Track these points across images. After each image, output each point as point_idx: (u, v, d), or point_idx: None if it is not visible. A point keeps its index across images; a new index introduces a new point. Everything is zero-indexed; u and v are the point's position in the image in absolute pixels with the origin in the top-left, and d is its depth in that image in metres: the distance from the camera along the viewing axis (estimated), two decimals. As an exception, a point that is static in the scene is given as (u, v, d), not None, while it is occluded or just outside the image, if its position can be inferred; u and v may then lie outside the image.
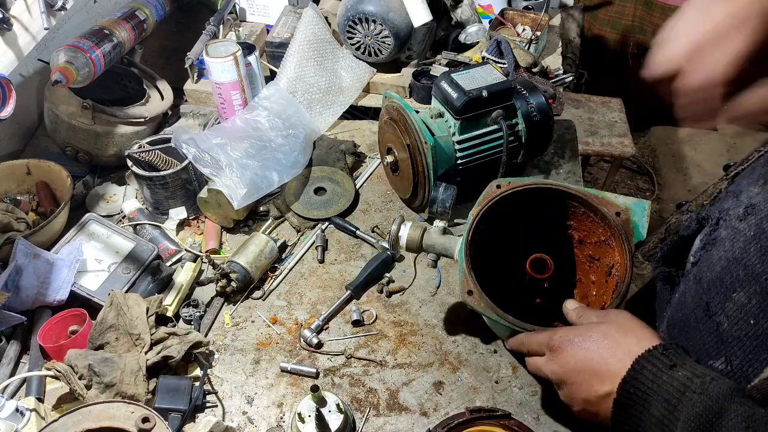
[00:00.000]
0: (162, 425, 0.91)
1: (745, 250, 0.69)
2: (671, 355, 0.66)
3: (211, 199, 1.30)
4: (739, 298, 0.68)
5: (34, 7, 1.36)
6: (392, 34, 1.56)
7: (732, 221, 0.74)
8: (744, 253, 0.69)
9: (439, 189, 1.01)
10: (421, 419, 1.04)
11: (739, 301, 0.68)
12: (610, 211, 0.94)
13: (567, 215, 1.04)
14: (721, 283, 0.71)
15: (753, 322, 0.66)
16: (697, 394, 0.61)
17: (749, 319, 0.66)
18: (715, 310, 0.71)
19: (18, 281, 1.11)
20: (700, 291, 0.75)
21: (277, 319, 1.19)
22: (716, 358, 0.70)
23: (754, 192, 0.73)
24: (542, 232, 1.07)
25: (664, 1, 2.27)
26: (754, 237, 0.69)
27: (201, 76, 1.67)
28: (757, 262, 0.67)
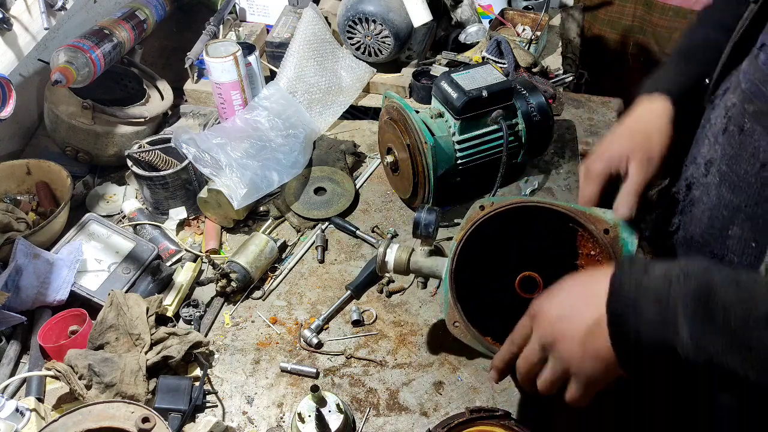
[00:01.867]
0: (162, 425, 0.91)
1: (719, 195, 0.79)
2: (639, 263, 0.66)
3: (211, 199, 1.30)
4: (735, 232, 0.76)
5: (34, 7, 1.36)
6: (392, 34, 1.55)
7: (699, 180, 0.85)
8: (719, 198, 0.79)
9: (421, 213, 0.96)
10: (421, 419, 1.04)
11: (736, 234, 0.76)
12: (598, 229, 0.89)
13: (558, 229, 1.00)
14: (713, 230, 0.80)
15: (754, 244, 0.74)
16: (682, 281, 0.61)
17: (750, 243, 0.74)
18: (721, 254, 0.79)
19: (18, 281, 1.11)
20: (698, 247, 0.83)
21: (277, 319, 1.19)
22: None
23: (705, 151, 0.85)
24: (535, 246, 1.01)
25: (664, 1, 2.27)
26: (720, 181, 0.79)
27: (201, 76, 1.67)
28: (733, 197, 0.77)
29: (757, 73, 0.75)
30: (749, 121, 0.75)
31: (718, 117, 0.83)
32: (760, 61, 0.75)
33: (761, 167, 0.73)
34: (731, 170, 0.78)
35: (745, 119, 0.76)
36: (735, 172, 0.77)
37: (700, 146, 0.88)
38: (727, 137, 0.79)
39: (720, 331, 0.58)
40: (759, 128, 0.74)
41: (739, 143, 0.77)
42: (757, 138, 0.74)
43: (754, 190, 0.74)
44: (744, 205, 0.76)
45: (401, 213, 1.40)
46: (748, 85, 0.77)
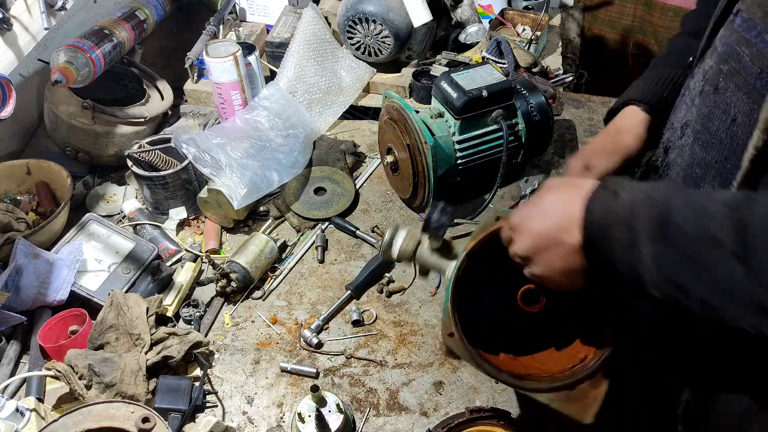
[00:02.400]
0: (162, 425, 0.91)
1: (692, 155, 0.81)
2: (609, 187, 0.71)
3: (211, 199, 1.30)
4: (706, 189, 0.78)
5: (34, 7, 1.36)
6: (392, 34, 1.55)
7: (675, 143, 0.87)
8: (692, 157, 0.81)
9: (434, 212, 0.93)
10: (421, 419, 1.04)
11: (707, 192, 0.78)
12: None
13: None
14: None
15: None
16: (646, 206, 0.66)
17: None
18: None
19: (18, 281, 1.11)
20: None
21: (277, 319, 1.19)
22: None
23: (681, 115, 0.87)
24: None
25: (664, 1, 2.27)
26: (693, 141, 0.81)
27: (201, 76, 1.67)
28: (705, 155, 0.79)
29: (733, 35, 0.77)
30: (723, 80, 0.77)
31: (696, 82, 0.85)
32: (735, 25, 0.78)
33: (731, 122, 0.75)
34: (704, 128, 0.80)
35: (719, 78, 0.78)
36: (708, 130, 0.79)
37: (677, 112, 0.91)
38: (702, 98, 0.82)
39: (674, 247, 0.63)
40: (732, 86, 0.76)
41: (713, 102, 0.79)
42: (729, 95, 0.76)
43: (724, 146, 0.76)
44: (714, 161, 0.78)
45: (401, 213, 1.40)
46: (724, 48, 0.79)
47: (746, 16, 0.76)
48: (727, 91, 0.77)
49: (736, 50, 0.76)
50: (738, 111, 0.74)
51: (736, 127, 0.75)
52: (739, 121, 0.74)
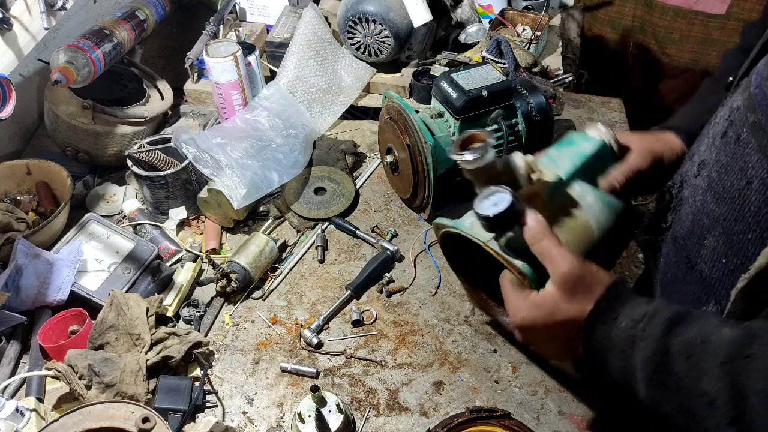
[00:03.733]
0: (162, 425, 0.91)
1: (704, 201, 0.78)
2: (613, 305, 0.74)
3: (211, 199, 1.30)
4: (710, 243, 0.76)
5: (34, 7, 1.36)
6: (392, 34, 1.55)
7: (690, 180, 0.84)
8: (703, 204, 0.78)
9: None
10: (421, 419, 1.04)
11: (710, 245, 0.76)
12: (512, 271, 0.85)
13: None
14: (692, 235, 0.79)
15: (725, 260, 0.73)
16: (644, 341, 0.69)
17: (722, 259, 0.74)
18: (695, 261, 0.79)
19: (18, 281, 1.11)
20: (679, 248, 0.83)
21: (277, 319, 1.19)
22: (707, 303, 0.76)
23: (703, 150, 0.83)
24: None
25: (664, 1, 2.27)
26: (707, 187, 0.78)
27: (201, 76, 1.67)
28: (715, 208, 0.75)
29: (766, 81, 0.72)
30: (747, 131, 0.72)
31: (722, 117, 0.80)
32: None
33: (746, 184, 0.71)
34: (719, 179, 0.76)
35: (744, 128, 0.73)
36: (722, 183, 0.75)
37: (701, 142, 0.86)
38: (723, 143, 0.77)
39: (671, 396, 0.65)
40: (754, 142, 0.71)
41: (732, 153, 0.74)
42: (749, 153, 0.71)
43: (735, 206, 0.72)
44: (723, 219, 0.74)
45: (401, 213, 1.40)
46: (756, 90, 0.73)
47: None
48: (747, 146, 0.72)
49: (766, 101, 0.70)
50: (755, 174, 0.70)
51: (751, 191, 0.70)
52: (755, 186, 0.69)
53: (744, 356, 0.60)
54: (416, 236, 1.34)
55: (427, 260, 1.29)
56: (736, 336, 0.63)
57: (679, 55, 2.49)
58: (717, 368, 0.61)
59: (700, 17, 2.33)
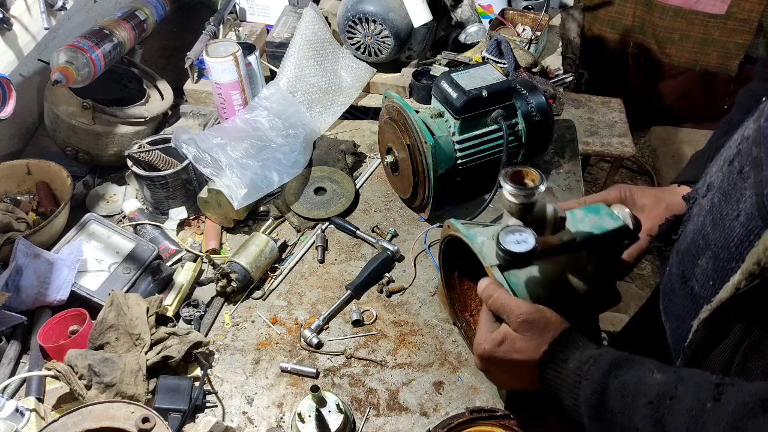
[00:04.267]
0: (162, 425, 0.91)
1: (704, 223, 0.80)
2: (563, 349, 0.81)
3: (211, 199, 1.30)
4: (702, 263, 0.78)
5: (34, 7, 1.36)
6: (392, 34, 1.56)
7: (699, 199, 0.85)
8: (703, 225, 0.80)
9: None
10: (421, 419, 1.04)
11: (702, 266, 0.78)
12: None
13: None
14: (689, 253, 0.82)
15: (711, 283, 0.75)
16: (587, 380, 0.76)
17: (709, 281, 0.76)
18: (688, 277, 0.81)
19: (18, 281, 1.11)
20: (678, 261, 0.86)
21: (277, 319, 1.19)
22: (693, 318, 0.79)
23: (713, 171, 0.85)
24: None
25: (664, 1, 2.27)
26: (709, 210, 0.80)
27: (201, 76, 1.67)
28: (711, 231, 0.77)
29: None
30: (749, 165, 0.72)
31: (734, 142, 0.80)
32: None
33: (736, 216, 0.72)
34: (719, 205, 0.77)
35: (747, 161, 0.73)
36: (720, 209, 0.77)
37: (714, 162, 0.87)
38: (729, 170, 0.77)
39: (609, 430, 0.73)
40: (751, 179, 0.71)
41: (733, 183, 0.75)
42: (745, 188, 0.72)
43: (725, 234, 0.74)
44: (714, 243, 0.76)
45: (401, 213, 1.40)
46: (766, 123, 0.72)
47: None
48: (747, 180, 0.72)
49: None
50: (744, 210, 0.71)
51: (737, 224, 0.71)
52: (741, 220, 0.71)
53: (669, 397, 0.67)
54: (416, 236, 1.34)
55: (427, 260, 1.30)
56: (665, 380, 0.70)
57: (679, 55, 2.49)
58: (645, 406, 0.68)
59: (700, 17, 2.33)
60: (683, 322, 0.81)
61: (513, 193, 0.86)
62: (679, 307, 0.84)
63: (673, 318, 0.87)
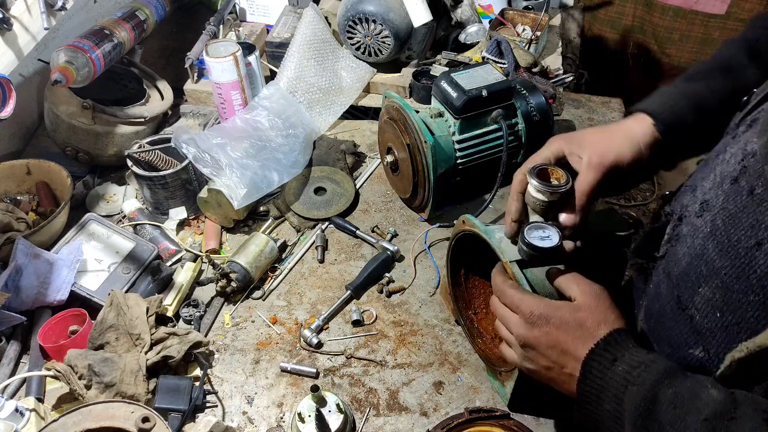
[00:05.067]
0: (162, 425, 0.91)
1: (704, 247, 0.73)
2: (612, 349, 0.74)
3: (211, 199, 1.30)
4: (705, 292, 0.72)
5: (34, 7, 1.36)
6: (392, 34, 1.56)
7: (691, 218, 0.78)
8: (703, 250, 0.73)
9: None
10: (421, 419, 1.04)
11: (705, 295, 0.72)
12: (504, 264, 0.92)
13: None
14: (687, 278, 0.75)
15: (719, 315, 0.70)
16: (636, 386, 0.69)
17: (716, 312, 0.70)
18: (686, 304, 0.75)
19: (18, 281, 1.11)
20: (671, 285, 0.79)
21: (277, 319, 1.19)
22: (695, 348, 0.74)
23: (707, 187, 0.77)
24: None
25: (664, 1, 2.27)
26: (710, 233, 0.72)
27: (201, 76, 1.67)
28: (716, 258, 0.70)
29: None
30: (762, 187, 0.66)
31: (734, 156, 0.74)
32: None
33: (756, 245, 0.66)
34: (725, 229, 0.70)
35: (759, 182, 0.66)
36: (727, 235, 0.70)
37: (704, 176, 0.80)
38: (734, 190, 0.70)
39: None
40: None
41: (743, 206, 0.68)
42: (762, 211, 0.65)
43: (739, 264, 0.67)
44: (723, 273, 0.69)
45: (401, 213, 1.40)
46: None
47: None
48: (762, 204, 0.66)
49: None
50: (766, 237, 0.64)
51: (760, 253, 0.65)
52: (766, 249, 0.64)
53: (727, 418, 0.62)
54: (416, 236, 1.34)
55: (427, 260, 1.29)
56: (722, 398, 0.64)
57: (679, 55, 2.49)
58: (700, 423, 0.63)
59: (700, 17, 2.33)
60: (679, 349, 0.76)
61: (540, 190, 0.86)
62: (673, 333, 0.78)
63: (664, 343, 0.80)
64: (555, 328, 0.78)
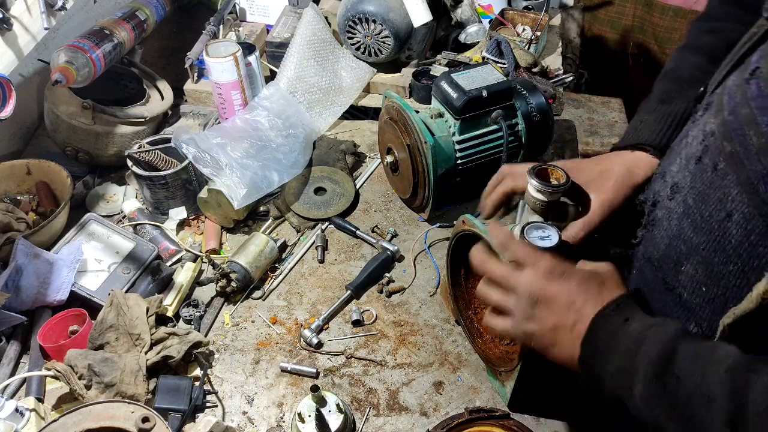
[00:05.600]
0: (162, 425, 0.91)
1: (680, 227, 0.76)
2: (624, 310, 0.73)
3: (211, 199, 1.30)
4: (688, 270, 0.75)
5: (34, 7, 1.36)
6: (392, 34, 1.55)
7: (664, 202, 0.82)
8: (680, 230, 0.76)
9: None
10: (421, 419, 1.04)
11: (689, 273, 0.74)
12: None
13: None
14: (668, 259, 0.78)
15: (705, 289, 0.72)
16: (652, 342, 0.68)
17: (701, 287, 0.73)
18: (672, 284, 0.78)
19: (18, 281, 1.11)
20: (654, 269, 0.82)
21: (277, 319, 1.19)
22: (688, 324, 0.76)
23: (675, 171, 0.81)
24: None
25: (664, 1, 2.27)
26: (684, 213, 0.76)
27: (201, 76, 1.67)
28: (692, 235, 0.74)
29: (744, 108, 0.69)
30: (724, 161, 0.70)
31: (695, 139, 0.78)
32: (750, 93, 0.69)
33: (726, 216, 0.69)
34: (696, 207, 0.74)
35: (720, 157, 0.71)
36: (699, 211, 0.73)
37: (671, 161, 0.84)
38: (699, 169, 0.75)
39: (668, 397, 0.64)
40: (732, 175, 0.68)
41: (709, 182, 0.72)
42: (727, 184, 0.69)
43: (714, 237, 0.71)
44: (702, 248, 0.72)
45: (401, 213, 1.40)
46: (731, 118, 0.71)
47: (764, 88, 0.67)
48: (725, 178, 0.70)
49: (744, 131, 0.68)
50: (736, 209, 0.68)
51: (732, 224, 0.69)
52: (735, 219, 0.68)
53: (747, 369, 0.61)
54: (416, 236, 1.34)
55: (427, 260, 1.29)
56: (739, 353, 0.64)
57: (679, 55, 2.49)
58: (722, 373, 0.62)
59: (700, 17, 2.33)
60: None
61: (540, 189, 0.86)
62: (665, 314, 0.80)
63: None
64: (576, 284, 0.76)
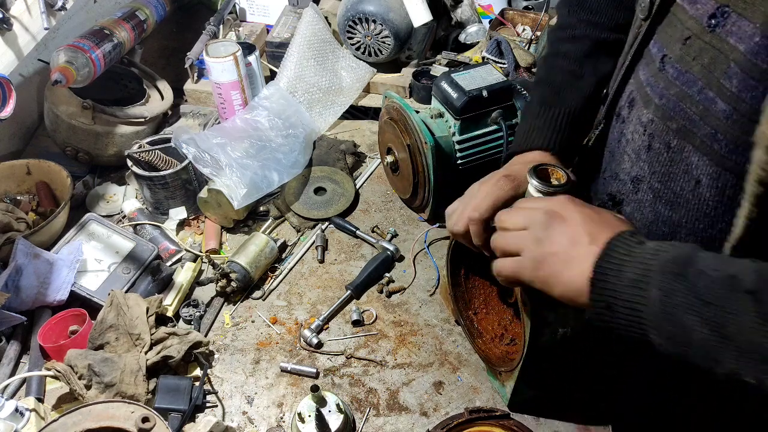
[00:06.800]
0: (162, 425, 0.91)
1: (656, 211, 0.79)
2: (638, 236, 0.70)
3: (211, 199, 1.30)
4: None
5: (34, 7, 1.36)
6: (392, 34, 1.56)
7: (630, 196, 0.84)
8: (656, 215, 0.79)
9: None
10: (421, 419, 1.04)
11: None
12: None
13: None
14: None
15: None
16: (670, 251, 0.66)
17: None
18: None
19: (18, 281, 1.11)
20: None
21: (277, 319, 1.19)
22: None
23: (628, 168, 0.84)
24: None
25: (664, 1, 2.27)
26: (655, 198, 0.79)
27: (201, 76, 1.67)
28: (671, 214, 0.77)
29: (672, 89, 0.73)
30: (675, 138, 0.74)
31: (635, 133, 0.81)
32: (669, 76, 0.74)
33: (696, 184, 0.73)
34: (665, 187, 0.77)
35: (669, 137, 0.75)
36: (670, 189, 0.76)
37: (619, 162, 0.86)
38: (653, 154, 0.78)
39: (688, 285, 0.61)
40: (689, 146, 0.73)
41: (669, 160, 0.76)
42: (688, 156, 0.73)
43: (692, 206, 0.74)
44: (684, 221, 0.76)
45: (401, 213, 1.40)
46: (663, 101, 0.75)
47: (680, 67, 0.72)
48: (683, 151, 0.74)
49: (681, 107, 0.73)
50: (702, 173, 0.72)
51: (702, 189, 0.73)
52: (705, 183, 0.72)
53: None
54: (416, 236, 1.34)
55: (427, 260, 1.29)
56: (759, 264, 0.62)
57: (679, 55, 2.49)
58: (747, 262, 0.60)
59: (700, 17, 2.33)
60: None
61: (540, 189, 0.85)
62: None
63: None
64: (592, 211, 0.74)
